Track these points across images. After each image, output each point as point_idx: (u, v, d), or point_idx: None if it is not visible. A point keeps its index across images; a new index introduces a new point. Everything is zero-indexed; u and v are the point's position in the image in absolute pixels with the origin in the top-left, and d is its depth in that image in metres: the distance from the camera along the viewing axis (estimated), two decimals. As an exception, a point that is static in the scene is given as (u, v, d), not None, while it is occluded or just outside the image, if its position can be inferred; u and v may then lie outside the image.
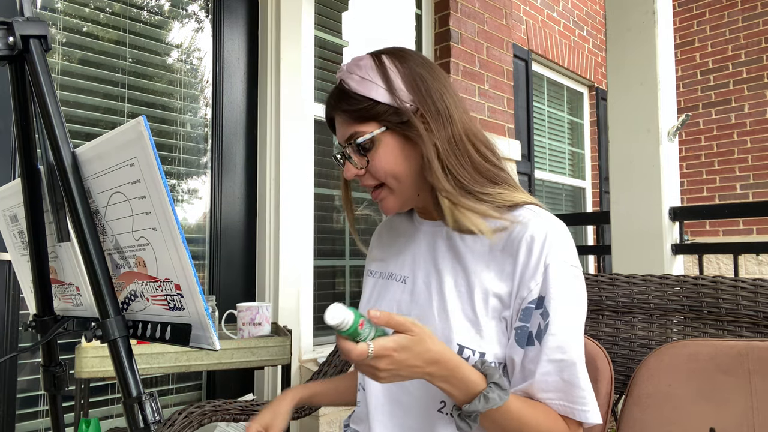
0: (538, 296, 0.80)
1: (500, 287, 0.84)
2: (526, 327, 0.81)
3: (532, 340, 0.80)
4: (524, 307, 0.81)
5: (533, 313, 0.80)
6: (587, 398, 0.79)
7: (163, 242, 0.63)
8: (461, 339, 0.82)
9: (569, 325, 0.80)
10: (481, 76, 3.14)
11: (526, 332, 0.80)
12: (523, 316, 0.81)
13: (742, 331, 1.05)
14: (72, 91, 1.86)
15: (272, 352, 1.53)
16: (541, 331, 0.79)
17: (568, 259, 0.82)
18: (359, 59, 0.89)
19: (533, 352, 0.79)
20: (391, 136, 0.87)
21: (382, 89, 0.86)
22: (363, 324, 0.70)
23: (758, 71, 4.88)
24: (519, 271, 0.82)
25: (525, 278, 0.82)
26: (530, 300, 0.81)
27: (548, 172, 4.48)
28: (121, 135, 0.64)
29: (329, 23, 2.58)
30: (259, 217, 2.26)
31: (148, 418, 0.64)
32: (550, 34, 4.43)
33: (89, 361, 1.32)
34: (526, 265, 0.82)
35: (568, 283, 0.81)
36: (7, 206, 0.93)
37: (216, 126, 2.19)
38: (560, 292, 0.80)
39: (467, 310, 0.84)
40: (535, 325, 0.80)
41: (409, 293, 0.93)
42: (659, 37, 2.21)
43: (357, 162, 0.89)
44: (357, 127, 0.87)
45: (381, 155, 0.87)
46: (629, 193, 2.26)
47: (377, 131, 0.86)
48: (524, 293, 0.81)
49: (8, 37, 0.71)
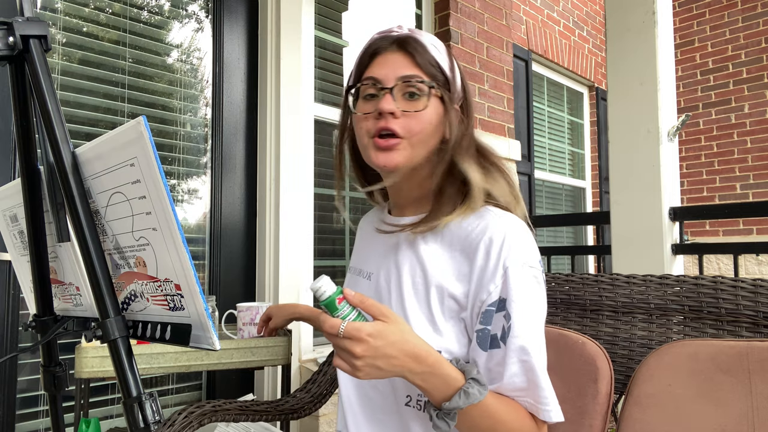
0: (499, 298, 0.80)
1: (457, 288, 0.84)
2: (488, 330, 0.80)
3: (496, 342, 0.80)
4: (484, 309, 0.81)
5: (494, 315, 0.80)
6: (549, 398, 0.80)
7: (163, 242, 0.63)
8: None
9: (531, 326, 0.80)
10: (481, 76, 3.14)
11: (488, 335, 0.80)
12: (484, 318, 0.81)
13: (742, 331, 1.05)
14: (72, 91, 1.86)
15: (272, 352, 1.53)
16: (505, 333, 0.79)
17: (528, 260, 0.82)
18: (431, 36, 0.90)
19: (499, 355, 0.79)
20: (440, 104, 0.88)
21: (446, 65, 0.88)
22: (341, 300, 0.72)
23: (758, 71, 4.88)
24: (477, 274, 0.82)
25: (483, 281, 0.81)
26: (490, 303, 0.80)
27: (548, 172, 4.48)
28: (121, 135, 0.64)
29: (329, 23, 2.58)
30: (259, 217, 2.26)
31: (148, 418, 0.64)
32: (550, 34, 4.43)
33: (89, 361, 1.32)
34: (484, 268, 0.82)
35: (528, 284, 0.81)
36: (7, 206, 0.93)
37: (216, 126, 2.19)
38: (521, 295, 0.80)
39: (424, 308, 0.85)
40: (498, 328, 0.80)
41: (373, 290, 0.93)
42: (659, 37, 2.21)
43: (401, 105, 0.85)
44: (421, 72, 0.86)
45: (427, 111, 0.86)
46: (629, 193, 2.26)
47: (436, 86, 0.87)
48: (483, 296, 0.81)
49: (8, 37, 0.71)
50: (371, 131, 0.86)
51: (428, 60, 0.86)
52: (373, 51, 0.88)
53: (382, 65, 0.86)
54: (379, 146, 0.85)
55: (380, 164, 0.86)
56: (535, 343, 0.80)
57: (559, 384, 1.02)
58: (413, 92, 0.85)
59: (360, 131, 0.89)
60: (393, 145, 0.84)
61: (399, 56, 0.86)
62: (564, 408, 1.07)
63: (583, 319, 1.22)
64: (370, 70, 0.87)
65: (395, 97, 0.85)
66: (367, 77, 0.87)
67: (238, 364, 1.50)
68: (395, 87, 0.85)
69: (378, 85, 0.86)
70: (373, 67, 0.87)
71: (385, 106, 0.83)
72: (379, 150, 0.85)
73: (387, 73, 0.86)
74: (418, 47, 0.86)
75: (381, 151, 0.85)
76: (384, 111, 0.83)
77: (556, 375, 0.98)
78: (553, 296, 1.25)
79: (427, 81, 0.85)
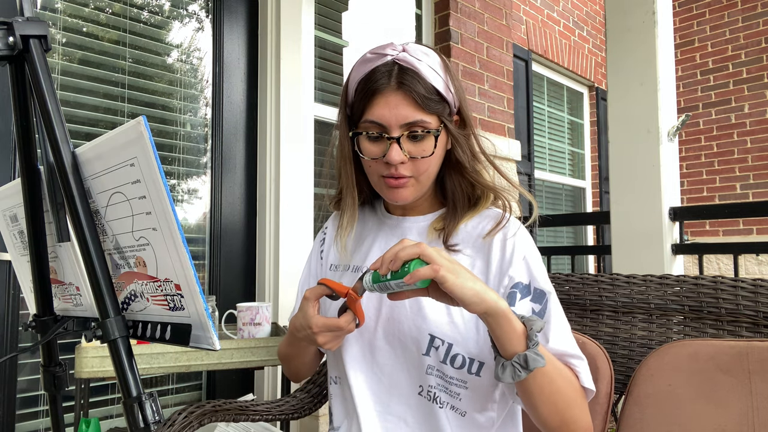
0: (522, 282, 0.87)
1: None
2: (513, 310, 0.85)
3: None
4: (508, 293, 0.87)
5: (518, 298, 0.86)
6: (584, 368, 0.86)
7: (163, 242, 0.63)
8: (433, 329, 0.86)
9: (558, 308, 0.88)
10: (481, 76, 3.14)
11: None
12: (509, 300, 0.86)
13: (742, 331, 1.05)
14: (72, 91, 1.86)
15: (272, 352, 1.53)
16: (539, 313, 0.86)
17: (537, 255, 0.91)
18: (424, 48, 0.88)
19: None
20: (444, 135, 0.89)
21: (444, 85, 0.87)
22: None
23: (758, 71, 4.87)
24: (495, 265, 0.88)
25: (502, 269, 0.87)
26: (512, 285, 0.86)
27: (548, 172, 4.48)
28: (121, 135, 0.64)
29: (329, 23, 2.58)
30: (259, 217, 2.26)
31: (148, 418, 0.64)
32: (550, 34, 4.43)
33: (89, 361, 1.32)
34: (501, 259, 0.88)
35: (545, 274, 0.89)
36: (7, 206, 0.93)
37: (216, 126, 2.19)
38: (546, 280, 0.88)
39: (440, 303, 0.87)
40: (526, 310, 0.86)
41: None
42: (659, 37, 2.21)
43: (407, 149, 0.86)
44: (423, 115, 0.85)
45: (436, 152, 0.87)
46: (629, 193, 2.26)
47: (440, 127, 0.87)
48: (505, 281, 0.87)
49: (8, 37, 0.71)
50: (381, 172, 0.88)
51: (428, 95, 0.84)
52: (373, 90, 0.85)
53: (383, 107, 0.84)
54: (391, 185, 0.88)
55: (392, 200, 0.91)
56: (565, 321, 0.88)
57: (559, 384, 1.02)
58: (418, 135, 0.86)
59: (369, 170, 0.91)
60: (403, 183, 0.88)
61: (399, 98, 0.84)
62: (564, 408, 1.07)
63: (583, 319, 1.22)
64: (371, 112, 0.86)
65: (402, 145, 0.85)
66: (369, 120, 0.86)
67: (238, 364, 1.50)
68: (403, 134, 0.85)
69: (384, 134, 0.85)
70: (375, 109, 0.85)
71: (395, 157, 0.84)
72: (391, 188, 0.89)
73: (390, 119, 0.84)
74: (417, 82, 0.84)
75: (392, 189, 0.89)
76: (394, 162, 0.85)
77: (556, 375, 0.98)
78: (553, 296, 1.25)
79: (433, 128, 0.86)
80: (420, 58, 0.85)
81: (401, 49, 0.86)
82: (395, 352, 0.89)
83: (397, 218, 0.98)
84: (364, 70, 0.87)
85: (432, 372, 0.87)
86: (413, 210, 0.97)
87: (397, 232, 0.97)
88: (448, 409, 0.87)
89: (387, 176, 0.87)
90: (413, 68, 0.84)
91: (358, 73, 0.88)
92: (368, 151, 0.88)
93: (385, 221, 1.00)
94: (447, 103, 0.88)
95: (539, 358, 0.74)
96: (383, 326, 0.90)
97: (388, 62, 0.85)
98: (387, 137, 0.85)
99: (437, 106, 0.86)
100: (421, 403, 0.88)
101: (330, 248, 1.05)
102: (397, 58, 0.85)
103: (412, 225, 0.96)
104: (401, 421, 0.89)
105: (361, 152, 0.89)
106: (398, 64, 0.84)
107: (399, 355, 0.89)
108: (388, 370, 0.90)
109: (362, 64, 0.88)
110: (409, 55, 0.85)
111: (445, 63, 0.89)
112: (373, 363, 0.91)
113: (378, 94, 0.84)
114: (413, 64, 0.84)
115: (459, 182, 0.93)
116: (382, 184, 0.90)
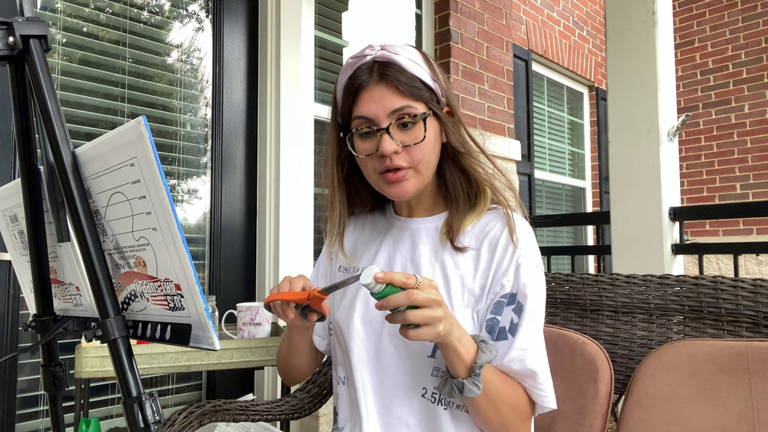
0: (510, 292, 0.87)
1: (476, 283, 0.89)
2: (497, 320, 0.86)
3: (504, 334, 0.86)
4: (496, 300, 0.87)
5: (505, 308, 0.86)
6: (545, 385, 0.86)
7: (163, 242, 0.63)
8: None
9: (537, 320, 0.87)
10: (481, 76, 3.14)
11: (497, 326, 0.86)
12: (495, 308, 0.87)
13: (742, 331, 1.05)
14: (72, 91, 1.86)
15: (272, 352, 1.53)
16: (514, 326, 0.85)
17: (537, 261, 0.90)
18: (397, 44, 0.89)
19: (505, 346, 0.85)
20: (434, 121, 0.90)
21: (428, 75, 0.89)
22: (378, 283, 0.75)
23: (758, 71, 4.87)
24: (494, 269, 0.88)
25: (498, 275, 0.88)
26: (502, 294, 0.87)
27: (548, 172, 4.48)
28: (121, 135, 0.64)
29: (329, 23, 2.58)
30: (259, 217, 2.26)
31: (148, 418, 0.64)
32: (550, 34, 4.43)
33: (89, 361, 1.32)
34: (500, 263, 0.88)
35: (536, 282, 0.88)
36: (7, 206, 0.93)
37: (216, 126, 2.19)
38: (531, 291, 0.86)
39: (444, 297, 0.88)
40: (507, 320, 0.86)
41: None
42: (659, 37, 2.21)
43: (398, 138, 0.87)
44: (408, 101, 0.86)
45: (427, 137, 0.87)
46: (629, 193, 2.26)
47: (428, 112, 0.88)
48: (497, 288, 0.87)
49: (8, 37, 0.71)
50: (378, 168, 0.89)
51: (412, 83, 0.86)
52: (357, 87, 0.87)
53: (369, 101, 0.86)
54: (390, 180, 0.88)
55: (395, 196, 0.90)
56: (539, 336, 0.87)
57: (560, 384, 1.02)
58: (407, 122, 0.87)
59: (366, 169, 0.92)
60: (402, 176, 0.88)
61: (383, 89, 0.86)
62: (564, 408, 1.08)
63: (583, 319, 1.22)
64: (358, 109, 0.88)
65: (392, 134, 0.86)
66: (357, 116, 0.88)
67: (238, 364, 1.50)
68: (392, 123, 0.86)
69: (373, 126, 0.87)
70: (361, 105, 0.87)
71: (387, 148, 0.85)
72: (391, 184, 0.89)
73: (377, 111, 0.86)
74: (399, 72, 0.86)
75: (392, 184, 0.89)
76: (387, 153, 0.86)
77: (556, 375, 0.98)
78: (553, 296, 1.25)
79: (420, 113, 0.86)
80: (398, 52, 0.88)
81: (380, 48, 0.89)
82: (400, 355, 0.90)
83: (405, 219, 0.99)
84: (347, 74, 0.90)
85: (437, 374, 0.88)
86: (418, 210, 0.98)
87: (405, 234, 0.98)
88: (454, 408, 0.87)
89: (385, 171, 0.88)
90: (392, 61, 0.87)
91: (342, 79, 0.91)
92: (361, 149, 0.89)
93: (394, 223, 1.01)
94: (433, 92, 0.89)
95: (475, 389, 0.78)
96: (389, 328, 0.91)
97: (368, 61, 0.88)
98: (377, 129, 0.87)
99: (422, 93, 0.87)
100: (424, 406, 0.88)
101: (339, 250, 1.06)
102: (375, 56, 0.87)
103: (419, 226, 0.97)
104: (402, 423, 0.89)
105: (355, 152, 0.90)
106: (377, 62, 0.87)
107: (404, 357, 0.89)
108: (391, 372, 0.90)
109: (345, 70, 0.91)
110: (387, 52, 0.87)
111: (426, 57, 0.91)
112: (377, 365, 0.92)
113: (362, 89, 0.87)
114: (392, 59, 0.87)
115: (458, 175, 0.94)
116: (381, 181, 0.90)
